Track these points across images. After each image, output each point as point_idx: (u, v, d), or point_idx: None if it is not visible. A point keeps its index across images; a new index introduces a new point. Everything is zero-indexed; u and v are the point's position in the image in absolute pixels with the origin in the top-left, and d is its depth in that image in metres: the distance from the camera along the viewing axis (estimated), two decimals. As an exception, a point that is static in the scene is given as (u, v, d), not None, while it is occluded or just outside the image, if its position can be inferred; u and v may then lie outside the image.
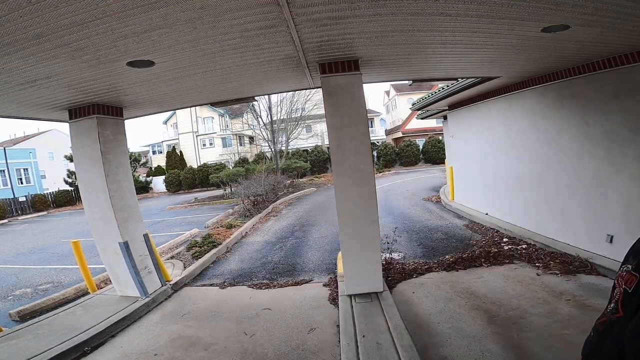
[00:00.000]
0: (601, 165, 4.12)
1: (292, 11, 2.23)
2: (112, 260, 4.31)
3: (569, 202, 4.67)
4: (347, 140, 3.65)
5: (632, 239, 2.46)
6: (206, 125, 31.93)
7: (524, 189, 5.69)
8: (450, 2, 2.26)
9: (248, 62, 3.26)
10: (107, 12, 1.93)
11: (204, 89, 4.08)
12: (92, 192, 4.19)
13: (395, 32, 2.77)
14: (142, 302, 4.18)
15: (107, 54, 2.54)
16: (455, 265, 4.60)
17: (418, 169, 23.70)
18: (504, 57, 3.79)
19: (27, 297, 5.36)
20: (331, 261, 5.50)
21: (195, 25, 2.27)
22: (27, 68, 2.56)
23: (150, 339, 3.49)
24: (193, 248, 6.62)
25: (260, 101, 20.23)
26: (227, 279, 5.25)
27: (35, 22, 1.92)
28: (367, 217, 3.71)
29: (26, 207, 21.96)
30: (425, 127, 26.94)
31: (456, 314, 3.36)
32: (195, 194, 21.18)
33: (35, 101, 3.46)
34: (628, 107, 3.72)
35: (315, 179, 20.92)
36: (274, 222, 9.64)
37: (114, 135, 4.29)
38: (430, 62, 4.00)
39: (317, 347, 3.06)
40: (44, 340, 3.35)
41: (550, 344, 2.65)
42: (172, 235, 8.82)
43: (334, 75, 3.58)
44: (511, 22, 2.64)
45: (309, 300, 4.06)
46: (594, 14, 2.49)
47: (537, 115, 5.19)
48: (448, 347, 2.80)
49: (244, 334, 3.41)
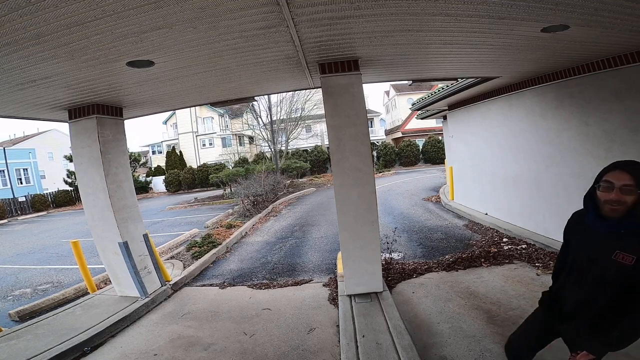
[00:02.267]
0: (601, 165, 4.03)
1: (292, 11, 2.23)
2: (111, 260, 4.30)
3: (568, 202, 4.67)
4: (346, 140, 3.65)
5: None
6: (206, 125, 31.92)
7: (524, 189, 5.69)
8: (450, 2, 2.26)
9: (248, 62, 3.26)
10: (107, 12, 1.93)
11: (204, 89, 4.08)
12: (92, 192, 4.18)
13: (395, 32, 2.78)
14: (141, 302, 4.18)
15: (107, 54, 2.54)
16: (455, 265, 4.60)
17: (418, 169, 23.71)
18: (504, 57, 3.79)
19: (26, 297, 5.36)
20: (331, 261, 5.50)
21: (195, 25, 2.27)
22: (27, 68, 2.56)
23: (150, 339, 3.48)
24: (193, 248, 6.62)
25: (260, 101, 20.24)
26: (226, 279, 5.24)
27: (35, 22, 1.92)
28: (366, 217, 3.71)
29: (26, 207, 21.94)
30: (425, 127, 26.96)
31: (456, 314, 3.36)
32: (195, 194, 21.17)
33: (35, 101, 3.46)
34: (628, 107, 3.72)
35: (315, 179, 20.92)
36: (273, 222, 9.64)
37: (114, 135, 4.28)
38: (430, 62, 4.00)
39: (317, 347, 3.07)
40: (44, 340, 3.35)
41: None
42: (171, 235, 8.82)
43: (333, 75, 3.58)
44: (511, 22, 2.64)
45: (309, 300, 4.06)
46: (594, 14, 2.50)
47: (536, 115, 5.19)
48: (448, 347, 2.80)
49: (244, 334, 3.41)
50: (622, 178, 1.38)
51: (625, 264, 1.38)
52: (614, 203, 1.39)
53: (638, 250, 1.37)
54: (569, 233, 1.75)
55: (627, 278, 1.40)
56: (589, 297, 1.51)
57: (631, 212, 1.38)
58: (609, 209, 1.41)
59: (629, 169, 1.40)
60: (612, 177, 1.42)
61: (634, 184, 1.36)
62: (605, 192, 1.43)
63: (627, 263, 1.38)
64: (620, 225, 1.40)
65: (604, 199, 1.43)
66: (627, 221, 1.39)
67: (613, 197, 1.39)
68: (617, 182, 1.39)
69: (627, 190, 1.37)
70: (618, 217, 1.40)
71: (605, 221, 1.45)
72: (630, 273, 1.38)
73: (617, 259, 1.40)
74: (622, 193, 1.37)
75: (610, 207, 1.41)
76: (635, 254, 1.37)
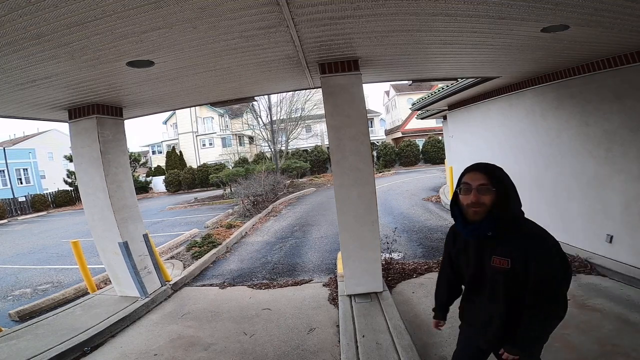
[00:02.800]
0: (601, 165, 4.12)
1: (292, 11, 2.23)
2: (111, 260, 4.30)
3: (568, 202, 4.67)
4: (346, 140, 3.65)
5: (632, 239, 2.55)
6: (206, 125, 31.92)
7: (524, 189, 5.61)
8: (450, 2, 2.25)
9: (248, 62, 3.26)
10: (107, 12, 1.93)
11: (204, 89, 4.08)
12: (92, 192, 4.18)
13: (395, 32, 2.77)
14: (141, 302, 4.18)
15: (107, 54, 2.54)
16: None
17: (418, 169, 23.70)
18: (504, 57, 3.79)
19: (26, 297, 5.36)
20: (331, 261, 5.50)
21: (195, 25, 2.26)
22: (27, 68, 2.56)
23: (150, 339, 3.48)
24: (193, 248, 6.62)
25: (260, 101, 20.24)
26: (226, 279, 5.24)
27: (35, 22, 1.92)
28: (366, 217, 3.71)
29: (26, 207, 21.94)
30: (424, 127, 26.94)
31: (456, 314, 3.35)
32: (195, 194, 21.16)
33: (35, 101, 3.46)
34: (628, 107, 3.72)
35: (315, 179, 20.91)
36: (273, 222, 9.64)
37: (114, 135, 4.28)
38: (430, 62, 4.00)
39: (317, 347, 3.06)
40: (44, 340, 3.35)
41: (550, 343, 2.62)
42: (171, 235, 8.82)
43: (333, 75, 3.58)
44: (511, 22, 2.64)
45: (309, 300, 4.06)
46: (594, 14, 2.50)
47: (536, 115, 5.19)
48: (448, 347, 2.80)
49: (244, 334, 3.41)
50: (478, 178, 1.38)
51: (505, 268, 1.37)
52: (474, 205, 1.38)
53: (509, 252, 1.36)
54: (449, 247, 1.71)
55: (511, 281, 1.38)
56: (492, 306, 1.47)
57: (490, 213, 1.36)
58: (472, 212, 1.39)
59: (482, 169, 1.40)
60: (468, 179, 1.41)
61: (488, 183, 1.36)
62: (465, 195, 1.41)
63: (505, 267, 1.37)
64: (485, 228, 1.38)
65: (466, 203, 1.41)
66: (488, 224, 1.37)
67: (472, 199, 1.38)
68: (473, 183, 1.38)
69: (483, 189, 1.36)
70: (480, 220, 1.38)
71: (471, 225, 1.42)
72: (511, 276, 1.36)
73: (495, 264, 1.40)
74: (480, 193, 1.36)
75: (472, 209, 1.39)
76: (508, 256, 1.36)
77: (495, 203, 1.36)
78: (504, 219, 1.36)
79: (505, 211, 1.36)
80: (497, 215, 1.35)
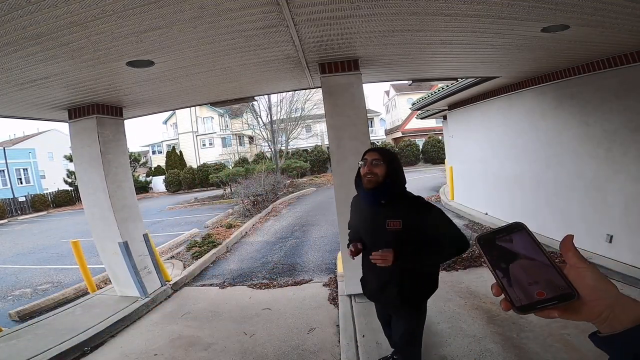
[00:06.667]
0: (601, 165, 4.12)
1: (292, 11, 2.23)
2: (111, 260, 4.30)
3: (568, 202, 4.67)
4: (346, 140, 3.65)
5: (632, 239, 2.56)
6: (206, 125, 31.89)
7: (524, 189, 5.69)
8: (450, 2, 2.26)
9: (248, 62, 3.26)
10: (107, 12, 1.93)
11: (204, 88, 4.08)
12: (92, 192, 4.18)
13: (395, 32, 2.77)
14: (141, 302, 4.18)
15: (107, 54, 2.54)
16: (455, 265, 4.60)
17: (418, 169, 23.68)
18: (504, 57, 3.79)
19: (26, 297, 5.36)
20: (331, 261, 5.50)
21: (195, 25, 2.27)
22: (27, 68, 2.56)
23: (150, 339, 3.48)
24: (193, 248, 6.62)
25: (260, 101, 20.24)
26: (227, 279, 5.25)
27: (35, 22, 1.92)
28: (367, 217, 3.70)
29: (26, 207, 21.94)
30: (424, 127, 26.91)
31: (456, 313, 3.36)
32: (194, 194, 21.16)
33: (35, 101, 3.46)
34: (628, 107, 3.72)
35: (315, 178, 20.91)
36: (273, 222, 9.64)
37: (114, 135, 4.28)
38: (430, 62, 4.00)
39: (317, 346, 3.07)
40: (44, 340, 3.35)
41: (550, 343, 2.65)
42: (171, 235, 8.81)
43: (333, 75, 3.58)
44: (511, 22, 2.64)
45: (309, 300, 4.06)
46: (594, 14, 2.50)
47: (536, 115, 5.19)
48: (448, 347, 2.80)
49: (244, 333, 3.41)
50: (372, 155, 1.77)
51: (397, 229, 1.69)
52: (367, 175, 1.73)
53: (401, 214, 1.69)
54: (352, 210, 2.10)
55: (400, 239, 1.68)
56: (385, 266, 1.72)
57: (383, 182, 1.72)
58: (367, 181, 1.74)
59: (378, 150, 1.80)
60: (367, 156, 1.79)
61: (380, 158, 1.74)
62: (363, 168, 1.78)
63: (397, 227, 1.69)
64: (379, 195, 1.73)
65: (363, 173, 1.77)
66: (382, 191, 1.72)
67: (367, 169, 1.74)
68: (369, 158, 1.76)
69: (376, 163, 1.73)
70: (372, 187, 1.72)
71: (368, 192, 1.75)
72: (403, 236, 1.68)
73: (390, 226, 1.71)
74: (372, 165, 1.73)
75: (367, 178, 1.74)
76: (400, 218, 1.69)
77: (386, 176, 1.72)
78: (393, 190, 1.74)
79: (394, 183, 1.73)
80: (389, 185, 1.72)
